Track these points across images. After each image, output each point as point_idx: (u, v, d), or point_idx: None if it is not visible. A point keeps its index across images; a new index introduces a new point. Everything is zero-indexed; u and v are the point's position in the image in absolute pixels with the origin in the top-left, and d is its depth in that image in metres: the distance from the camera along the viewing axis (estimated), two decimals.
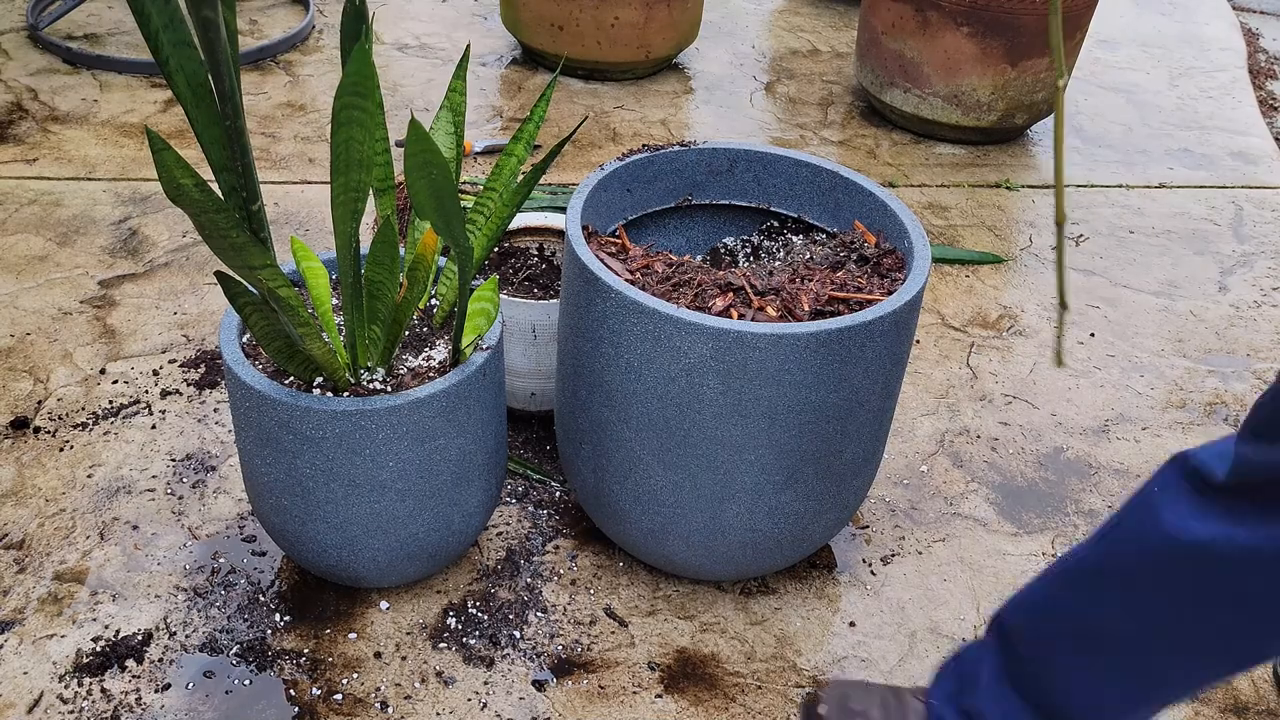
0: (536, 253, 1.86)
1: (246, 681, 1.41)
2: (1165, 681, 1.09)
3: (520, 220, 1.84)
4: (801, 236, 1.63)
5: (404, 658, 1.46)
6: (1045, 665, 1.15)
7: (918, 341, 2.16)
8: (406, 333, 1.43)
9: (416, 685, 1.42)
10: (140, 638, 1.45)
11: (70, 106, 2.77)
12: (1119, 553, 1.08)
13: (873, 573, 1.65)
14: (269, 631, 1.47)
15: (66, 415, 1.80)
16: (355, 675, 1.43)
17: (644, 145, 1.58)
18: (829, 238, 1.60)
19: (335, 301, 1.46)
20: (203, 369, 1.92)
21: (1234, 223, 2.69)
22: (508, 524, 1.67)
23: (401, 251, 1.43)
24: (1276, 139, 3.17)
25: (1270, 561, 0.96)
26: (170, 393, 1.87)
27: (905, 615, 1.59)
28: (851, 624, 1.57)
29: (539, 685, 1.44)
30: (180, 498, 1.67)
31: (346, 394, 1.32)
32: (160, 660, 1.43)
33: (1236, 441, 0.99)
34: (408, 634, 1.49)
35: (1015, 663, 1.17)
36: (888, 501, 1.78)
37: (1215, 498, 0.99)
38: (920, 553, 1.69)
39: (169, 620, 1.48)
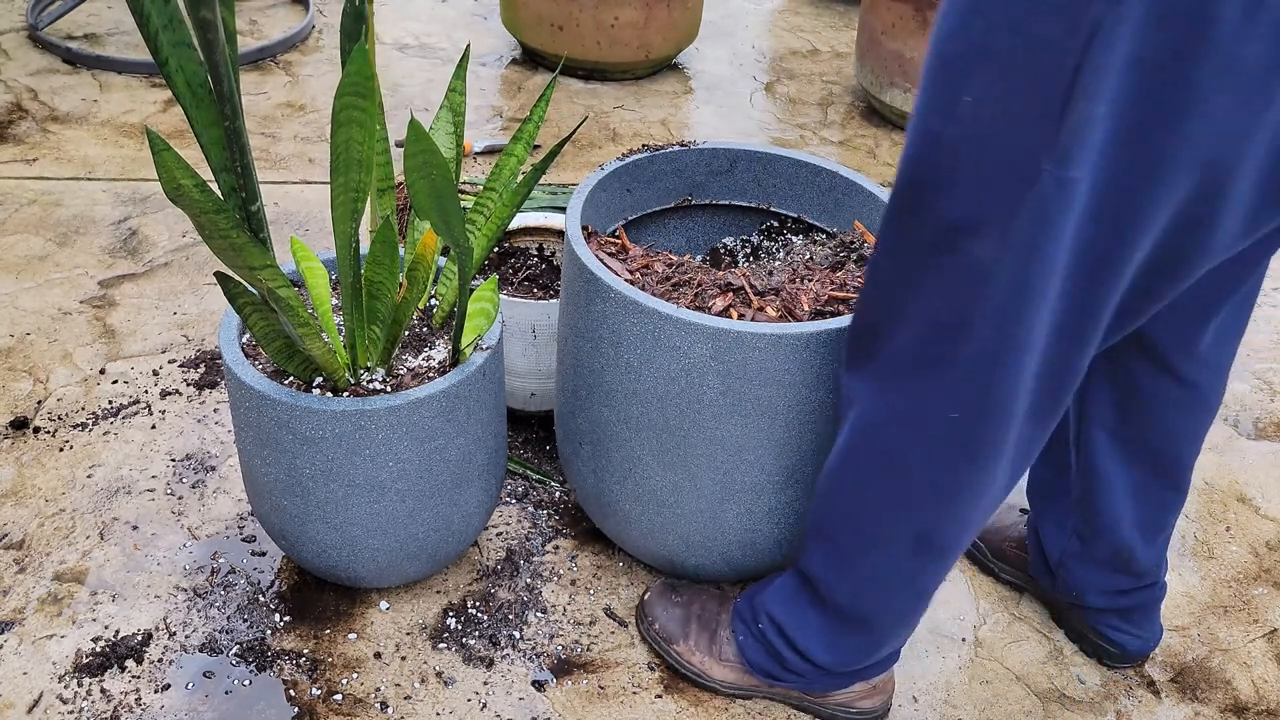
0: (536, 253, 1.86)
1: (246, 682, 1.41)
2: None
3: (520, 220, 1.84)
4: (801, 236, 1.63)
5: (404, 658, 1.46)
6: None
7: None
8: (406, 333, 1.43)
9: (416, 685, 1.42)
10: (140, 638, 1.45)
11: (70, 106, 2.77)
12: None
13: None
14: (269, 632, 1.47)
15: (66, 415, 1.80)
16: (355, 675, 1.43)
17: (644, 145, 1.58)
18: (829, 238, 1.60)
19: (335, 302, 1.46)
20: (202, 369, 1.92)
21: None
22: (508, 524, 1.67)
23: (401, 252, 1.43)
24: None
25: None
26: (170, 393, 1.87)
27: None
28: None
29: (539, 685, 1.44)
30: (180, 498, 1.67)
31: (346, 394, 1.32)
32: (160, 660, 1.43)
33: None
34: (407, 634, 1.49)
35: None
36: None
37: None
38: None
39: (169, 620, 1.48)
